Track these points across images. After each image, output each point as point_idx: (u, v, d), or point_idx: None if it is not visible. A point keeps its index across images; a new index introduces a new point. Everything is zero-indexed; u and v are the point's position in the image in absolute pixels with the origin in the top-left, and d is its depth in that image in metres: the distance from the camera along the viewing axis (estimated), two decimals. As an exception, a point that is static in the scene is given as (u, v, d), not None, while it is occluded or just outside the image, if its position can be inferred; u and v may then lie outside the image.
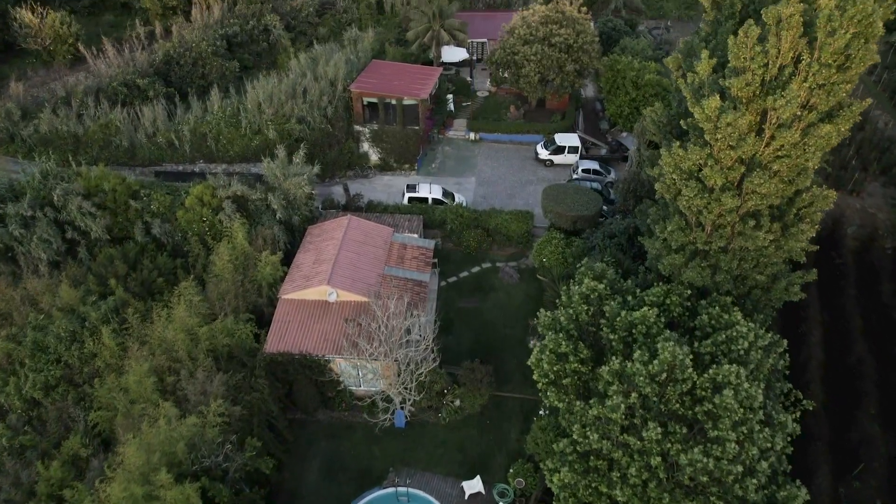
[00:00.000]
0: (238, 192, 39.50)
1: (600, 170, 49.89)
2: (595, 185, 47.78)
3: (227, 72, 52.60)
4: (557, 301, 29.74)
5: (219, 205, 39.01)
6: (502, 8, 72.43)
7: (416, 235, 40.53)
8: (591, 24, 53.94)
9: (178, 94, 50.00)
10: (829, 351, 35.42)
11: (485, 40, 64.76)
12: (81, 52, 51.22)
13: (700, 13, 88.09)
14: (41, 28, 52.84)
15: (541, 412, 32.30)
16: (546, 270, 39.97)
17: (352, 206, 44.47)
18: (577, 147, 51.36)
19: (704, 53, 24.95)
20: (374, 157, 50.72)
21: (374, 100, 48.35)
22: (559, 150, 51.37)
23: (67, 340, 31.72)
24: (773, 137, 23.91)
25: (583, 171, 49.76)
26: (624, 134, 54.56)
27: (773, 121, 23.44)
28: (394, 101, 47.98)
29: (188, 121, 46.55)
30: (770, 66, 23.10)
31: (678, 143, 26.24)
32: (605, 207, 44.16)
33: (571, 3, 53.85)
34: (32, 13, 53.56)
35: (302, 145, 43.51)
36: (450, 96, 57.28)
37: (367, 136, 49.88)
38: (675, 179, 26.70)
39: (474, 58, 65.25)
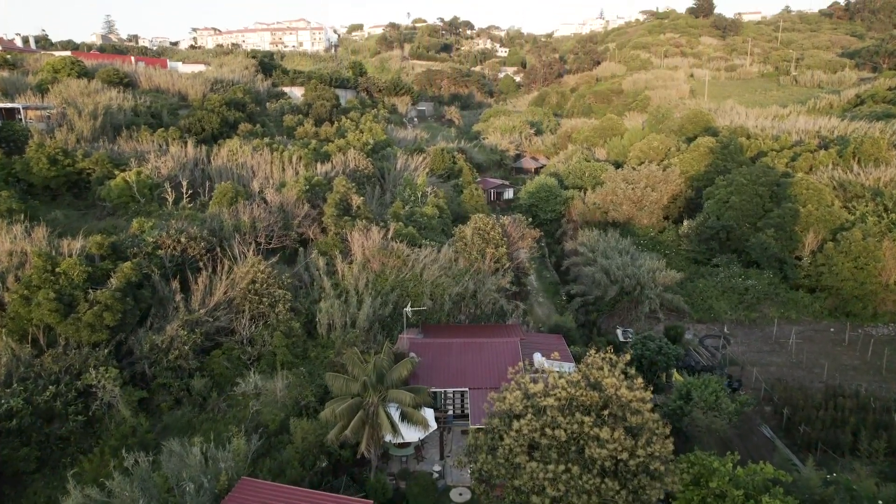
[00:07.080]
0: None
1: None
2: None
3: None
4: None
5: None
6: (494, 322, 49.59)
7: None
8: (653, 407, 29.03)
9: None
10: None
11: (465, 389, 40.39)
12: None
13: (765, 315, 63.42)
14: None
15: None
16: None
17: None
18: None
19: None
20: None
21: None
22: None
23: None
24: None
25: None
26: None
27: None
28: None
29: None
30: None
31: None
32: None
33: (613, 367, 29.76)
34: None
35: None
36: (396, 524, 30.88)
37: None
38: None
39: (450, 414, 40.45)
